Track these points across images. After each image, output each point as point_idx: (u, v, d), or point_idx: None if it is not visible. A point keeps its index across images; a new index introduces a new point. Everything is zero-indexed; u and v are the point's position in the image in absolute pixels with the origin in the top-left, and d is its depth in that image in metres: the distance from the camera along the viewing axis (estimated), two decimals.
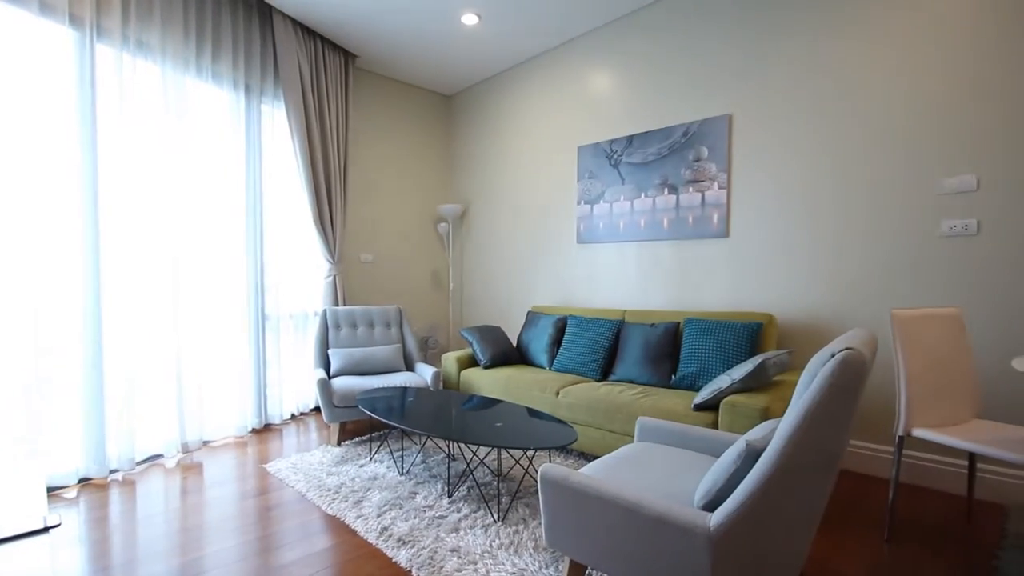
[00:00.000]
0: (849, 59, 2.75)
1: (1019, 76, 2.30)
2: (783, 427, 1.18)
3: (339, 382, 3.24)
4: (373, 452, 3.08)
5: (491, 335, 3.80)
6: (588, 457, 2.99)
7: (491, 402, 2.87)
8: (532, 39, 4.07)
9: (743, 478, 1.25)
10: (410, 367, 3.79)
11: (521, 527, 2.14)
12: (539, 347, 3.69)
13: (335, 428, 3.27)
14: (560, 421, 2.48)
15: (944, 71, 2.48)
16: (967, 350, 2.14)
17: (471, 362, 3.81)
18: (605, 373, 3.31)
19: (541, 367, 3.65)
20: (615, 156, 3.78)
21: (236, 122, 3.53)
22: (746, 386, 2.37)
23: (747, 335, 2.75)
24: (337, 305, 4.06)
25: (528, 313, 4.00)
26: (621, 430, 2.72)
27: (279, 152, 3.83)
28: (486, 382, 3.48)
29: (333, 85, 4.08)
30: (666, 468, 1.75)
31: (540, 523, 2.17)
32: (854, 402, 1.20)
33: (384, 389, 3.13)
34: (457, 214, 4.99)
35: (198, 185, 3.29)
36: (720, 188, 3.23)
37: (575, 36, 4.04)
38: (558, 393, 3.05)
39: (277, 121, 3.81)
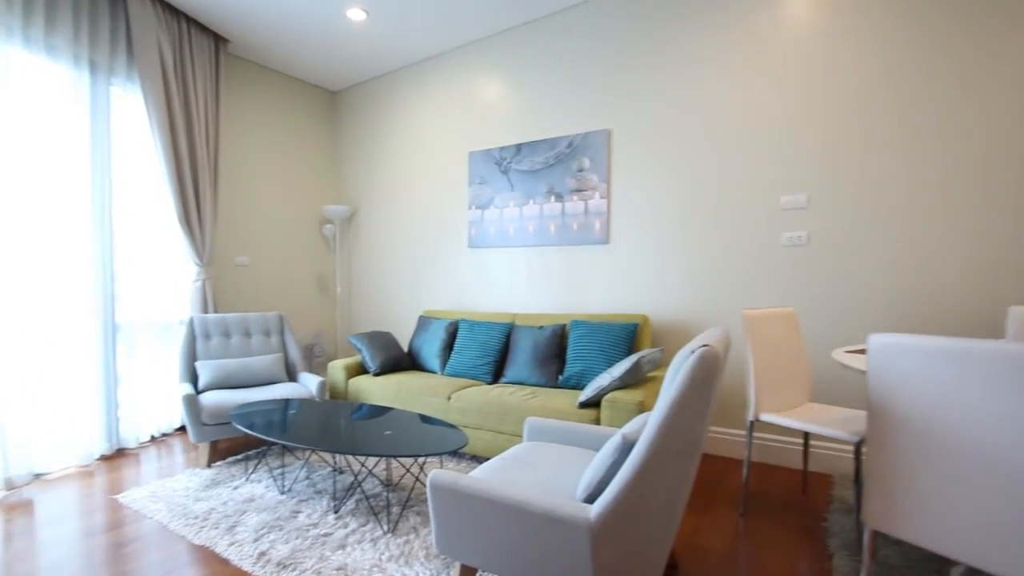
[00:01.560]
0: (710, 92, 3.08)
1: (837, 116, 2.74)
2: (652, 419, 1.29)
3: (209, 397, 2.95)
4: (250, 472, 2.84)
5: (381, 341, 3.69)
6: (481, 460, 3.02)
7: (381, 410, 2.79)
8: (423, 41, 4.04)
9: (620, 469, 1.35)
10: (293, 378, 3.55)
11: (412, 536, 2.11)
12: (431, 352, 3.66)
13: (204, 448, 2.96)
14: (451, 426, 2.47)
15: (783, 108, 2.88)
16: (801, 344, 2.49)
17: (360, 370, 3.67)
18: (496, 376, 3.37)
19: (433, 372, 3.62)
20: (505, 163, 3.87)
21: (78, 103, 3.07)
22: (624, 383, 2.54)
23: (625, 335, 2.96)
24: (207, 312, 3.69)
25: (420, 318, 3.95)
26: (512, 431, 2.79)
27: (135, 140, 3.40)
28: (376, 390, 3.37)
29: (201, 70, 3.72)
30: (553, 465, 1.82)
31: (431, 531, 2.15)
32: (711, 393, 1.34)
33: (263, 403, 2.91)
34: (344, 216, 4.79)
35: (22, 173, 2.81)
36: (601, 198, 3.44)
37: (467, 42, 4.08)
38: (450, 398, 3.05)
39: (132, 105, 3.38)
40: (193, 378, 3.25)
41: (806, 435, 2.56)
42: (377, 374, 3.53)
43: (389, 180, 4.65)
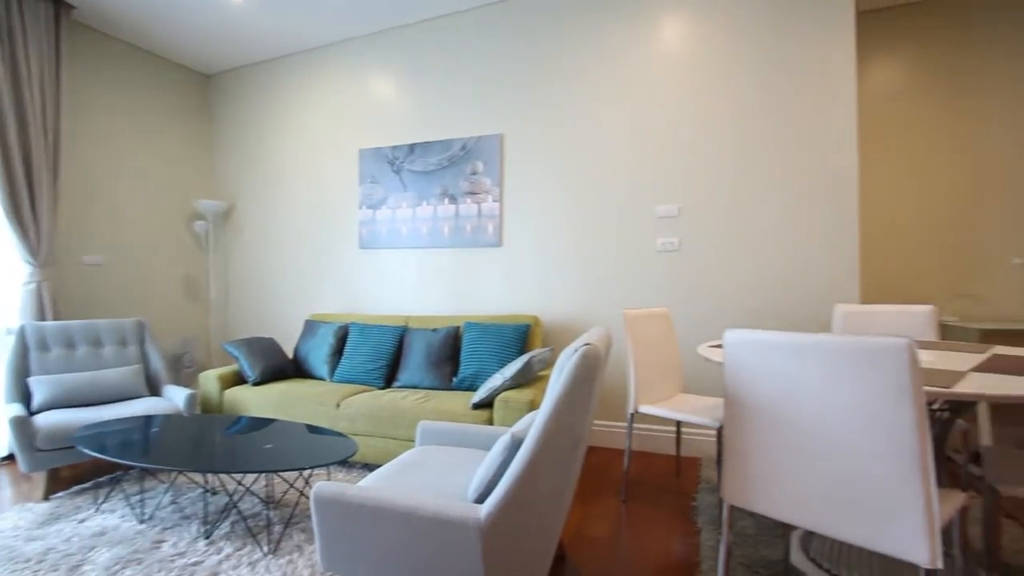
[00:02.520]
0: (596, 107, 3.26)
1: (702, 135, 3.04)
2: (539, 416, 1.34)
3: (46, 418, 2.54)
4: (100, 501, 2.49)
5: (261, 347, 3.43)
6: (372, 468, 2.92)
7: (262, 422, 2.59)
8: (312, 29, 3.83)
9: (509, 467, 1.38)
10: (156, 391, 3.18)
11: (296, 556, 1.98)
12: (319, 358, 3.47)
13: (39, 478, 2.55)
14: (340, 434, 2.37)
15: (659, 125, 3.13)
16: (674, 340, 2.72)
17: (237, 379, 3.38)
18: (389, 380, 3.28)
19: (321, 379, 3.43)
20: (397, 162, 3.79)
21: None
22: (516, 382, 2.61)
23: (517, 336, 3.04)
24: (44, 320, 3.18)
25: (306, 322, 3.73)
26: (405, 436, 2.73)
27: None
28: (256, 400, 3.13)
29: (35, 39, 3.20)
30: (445, 468, 1.81)
31: (316, 548, 2.04)
32: (593, 389, 1.42)
33: (117, 421, 2.57)
34: (219, 211, 4.38)
35: None
36: (494, 201, 3.50)
37: (358, 35, 3.93)
38: (339, 405, 2.91)
39: None
40: (25, 397, 2.78)
41: (678, 423, 2.81)
42: (257, 383, 3.28)
43: (273, 174, 4.34)
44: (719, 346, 2.40)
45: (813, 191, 2.84)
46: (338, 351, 3.49)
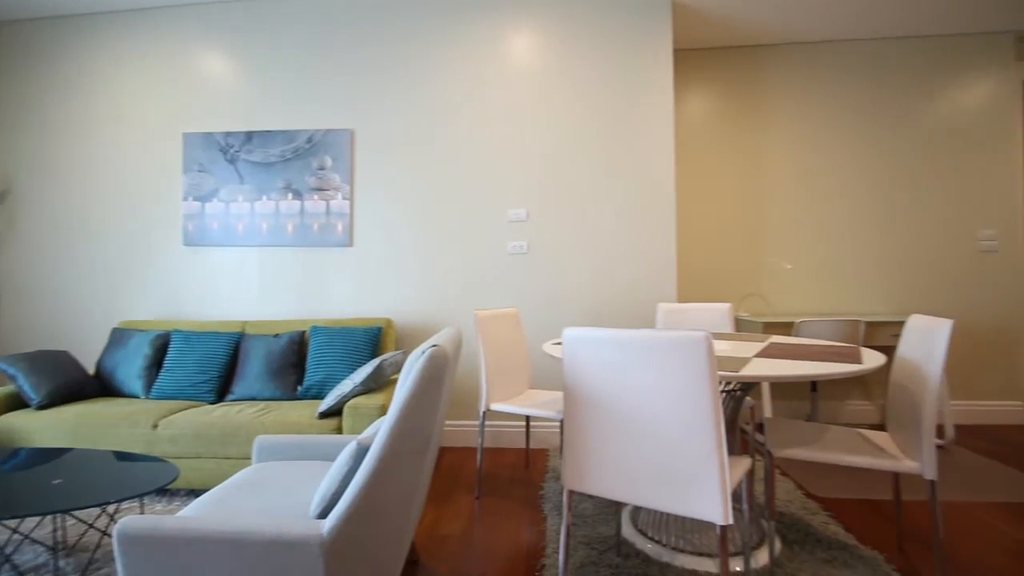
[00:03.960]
0: (451, 110, 3.29)
1: (549, 143, 3.24)
2: (386, 421, 1.31)
3: None
4: None
5: (50, 363, 2.85)
6: (200, 494, 2.60)
7: (50, 454, 2.15)
8: None
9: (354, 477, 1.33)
10: None
11: None
12: (130, 372, 2.98)
13: None
14: (157, 459, 2.06)
15: (510, 131, 3.27)
16: (523, 339, 2.86)
17: (16, 403, 2.76)
18: (222, 394, 2.95)
19: (134, 396, 2.96)
20: (232, 151, 3.42)
21: None
22: (367, 387, 2.52)
23: (368, 339, 2.94)
24: None
25: (113, 331, 3.18)
26: (240, 454, 2.48)
27: None
28: (43, 428, 2.59)
29: None
30: (285, 485, 1.69)
31: None
32: (441, 390, 1.43)
33: None
34: None
35: None
36: (344, 199, 3.34)
37: (182, 2, 3.46)
38: (156, 425, 2.54)
39: None
40: None
41: (527, 418, 2.96)
42: (44, 406, 2.71)
43: (69, 155, 3.62)
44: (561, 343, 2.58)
45: (641, 202, 3.20)
46: (156, 363, 3.03)
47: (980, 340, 3.75)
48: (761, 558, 1.91)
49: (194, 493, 2.60)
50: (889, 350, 3.60)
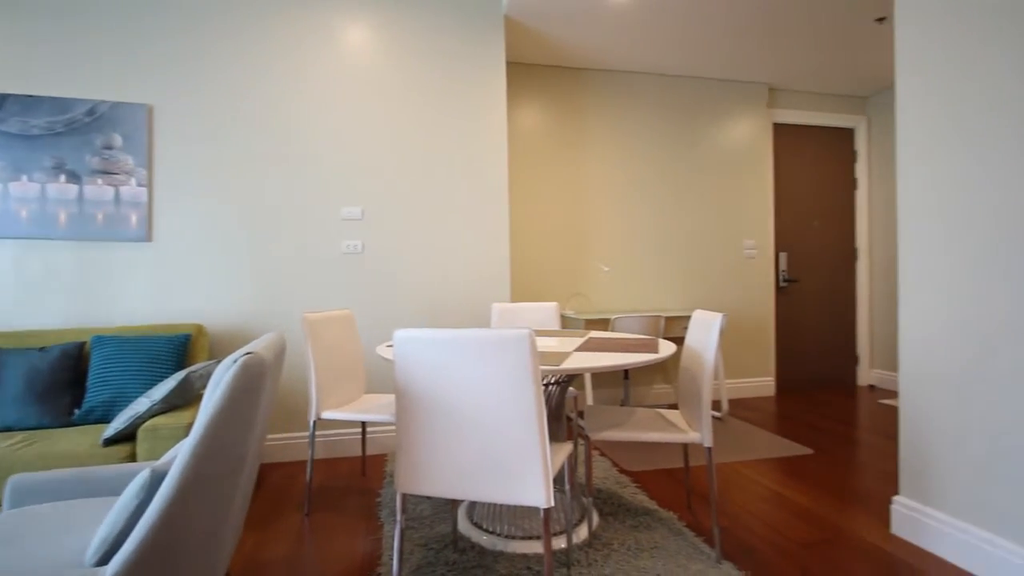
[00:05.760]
0: (277, 98, 3.02)
1: (384, 140, 3.17)
2: (187, 443, 1.15)
3: None
4: None
5: None
6: None
7: None
8: None
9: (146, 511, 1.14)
10: None
11: None
12: None
13: None
14: None
15: (344, 125, 3.11)
16: (358, 341, 2.75)
17: None
18: None
19: None
20: None
21: None
22: (170, 404, 2.19)
23: (173, 349, 2.56)
24: None
25: None
26: None
27: None
28: None
29: None
30: (49, 532, 1.38)
31: None
32: (259, 401, 1.31)
33: None
34: None
35: None
36: (140, 185, 2.86)
37: None
38: None
39: None
40: None
41: (364, 424, 2.85)
42: None
43: None
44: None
45: (477, 204, 3.30)
46: None
47: (745, 329, 4.62)
48: (582, 533, 2.11)
49: None
50: (682, 341, 4.24)
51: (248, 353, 1.22)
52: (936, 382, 1.99)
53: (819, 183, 4.93)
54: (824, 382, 4.95)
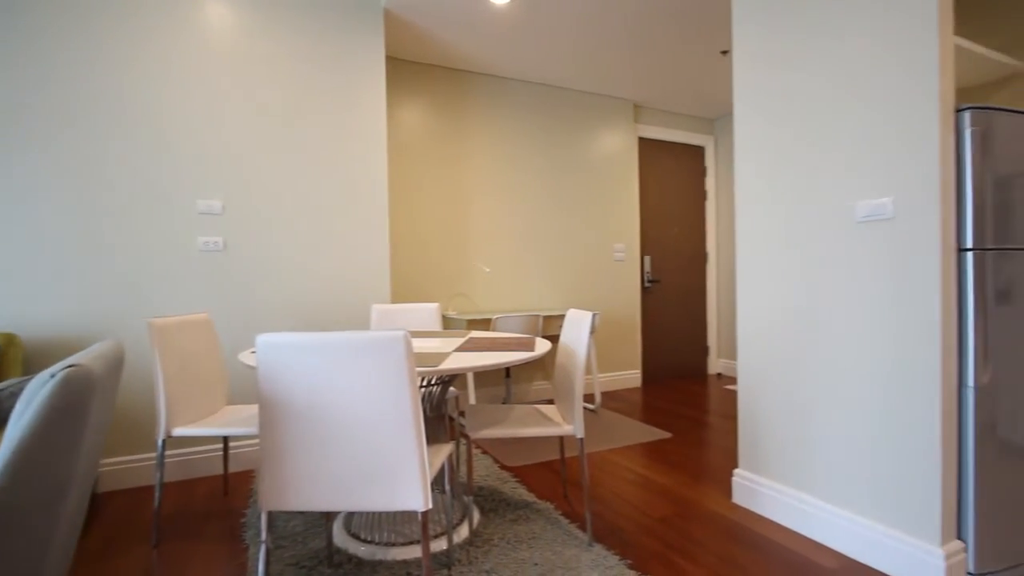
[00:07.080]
0: (120, 76, 2.63)
1: (249, 128, 2.92)
2: None
3: None
4: None
5: None
6: None
7: None
8: None
9: None
10: None
11: None
12: None
13: None
14: None
15: (202, 109, 2.81)
16: (217, 348, 2.50)
17: None
18: None
19: None
20: None
21: None
22: None
23: None
24: None
25: None
26: None
27: None
28: None
29: None
30: None
31: None
32: (85, 421, 1.13)
33: None
34: None
35: None
36: None
37: None
38: None
39: None
40: None
41: (225, 439, 2.60)
42: None
43: None
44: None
45: (353, 201, 3.17)
46: None
47: (615, 326, 4.98)
48: (463, 532, 2.12)
49: None
50: (557, 339, 4.45)
51: (71, 366, 1.05)
52: (765, 367, 2.31)
53: (677, 193, 5.48)
54: (682, 372, 5.51)
